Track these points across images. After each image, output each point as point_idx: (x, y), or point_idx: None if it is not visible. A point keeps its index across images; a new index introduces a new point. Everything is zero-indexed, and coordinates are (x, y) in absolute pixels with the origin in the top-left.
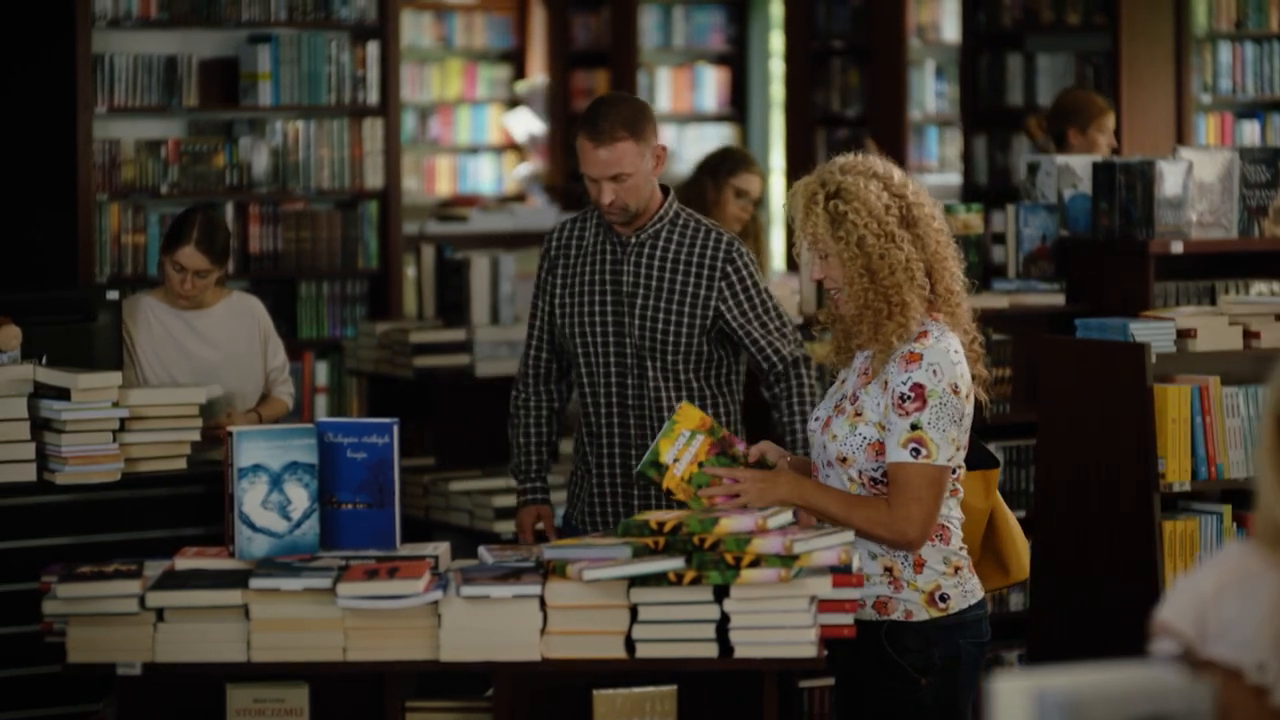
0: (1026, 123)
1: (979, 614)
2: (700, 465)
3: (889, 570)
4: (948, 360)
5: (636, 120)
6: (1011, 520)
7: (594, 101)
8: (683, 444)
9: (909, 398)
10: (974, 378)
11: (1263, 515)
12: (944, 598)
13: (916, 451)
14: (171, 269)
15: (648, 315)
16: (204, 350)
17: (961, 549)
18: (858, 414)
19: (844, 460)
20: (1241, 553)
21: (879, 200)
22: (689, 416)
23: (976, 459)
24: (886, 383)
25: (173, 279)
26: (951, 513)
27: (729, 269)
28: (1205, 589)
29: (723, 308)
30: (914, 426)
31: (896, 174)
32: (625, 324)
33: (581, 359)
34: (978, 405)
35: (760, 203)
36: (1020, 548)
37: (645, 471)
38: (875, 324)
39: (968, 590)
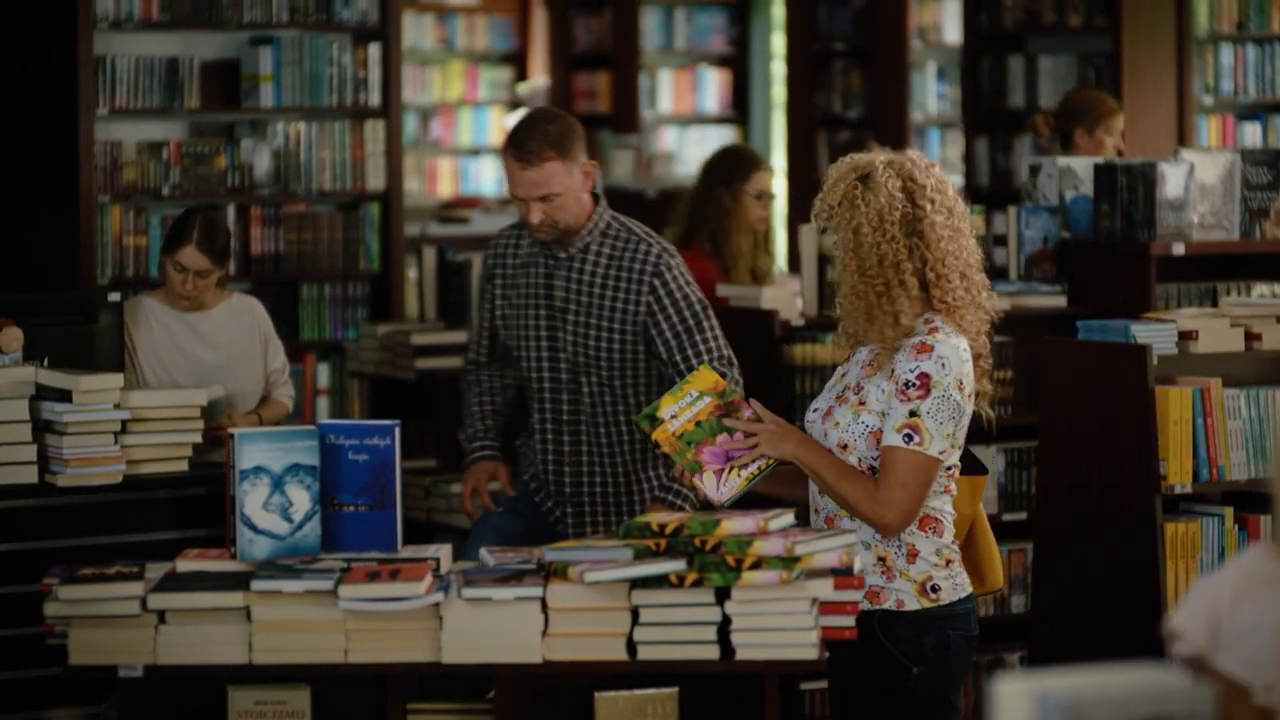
0: (1033, 119)
1: (968, 607)
2: (697, 424)
3: (882, 560)
4: (957, 356)
5: (564, 139)
6: (988, 530)
7: (521, 119)
8: (687, 403)
9: (913, 385)
10: (978, 392)
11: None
12: (935, 588)
13: (909, 438)
14: (173, 269)
15: (579, 330)
16: (205, 352)
17: (953, 543)
18: (861, 403)
19: (845, 447)
20: (1261, 558)
21: (892, 199)
22: (702, 379)
23: (966, 465)
24: (893, 371)
25: (174, 280)
26: (945, 507)
27: (656, 282)
28: (1222, 595)
29: (649, 321)
30: (912, 414)
31: (930, 182)
32: (559, 339)
33: (523, 371)
34: (978, 417)
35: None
36: (996, 558)
37: (639, 422)
38: (867, 314)
39: (958, 583)
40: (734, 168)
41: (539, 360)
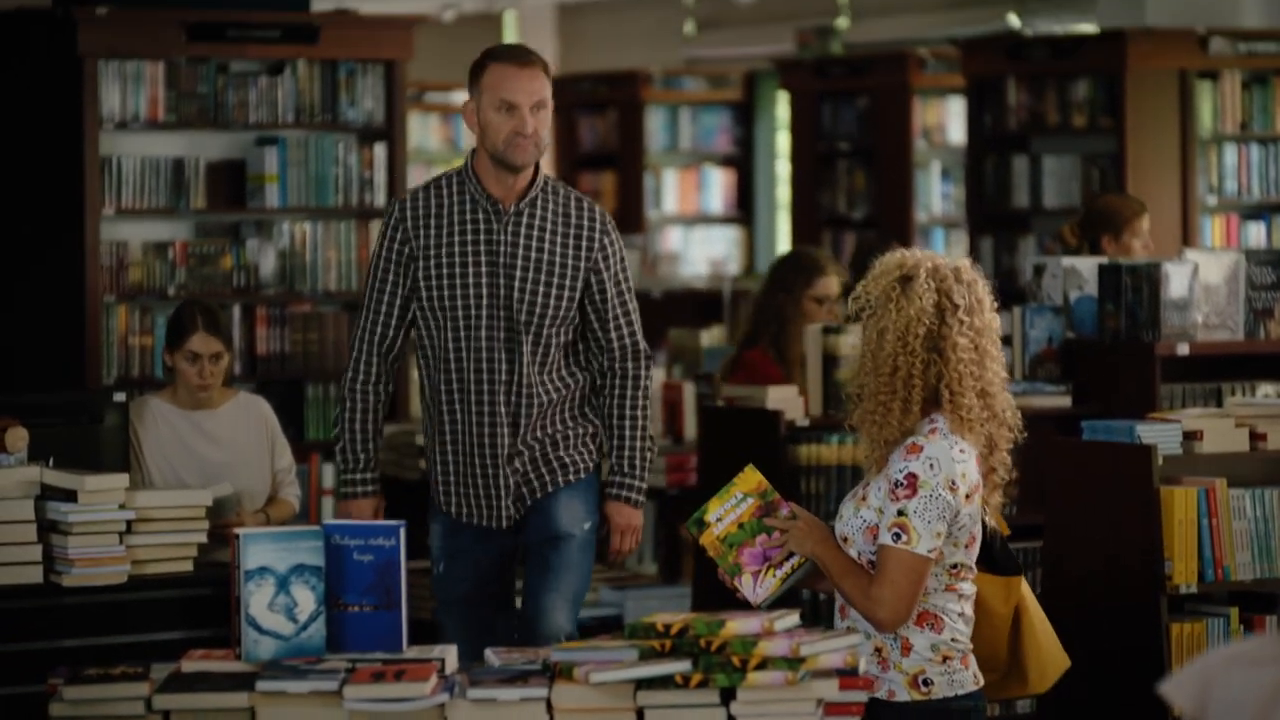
0: (1060, 231)
1: (968, 705)
2: (740, 526)
3: (878, 650)
4: (948, 456)
5: (545, 61)
6: (1039, 629)
7: (491, 46)
8: (731, 505)
9: (901, 484)
10: (987, 504)
11: None
12: (927, 682)
13: (898, 536)
14: (184, 362)
15: (526, 287)
16: (211, 451)
17: (956, 641)
18: (863, 499)
19: (845, 540)
20: (1266, 641)
21: (923, 312)
22: (747, 480)
23: (1001, 564)
24: (888, 471)
25: (187, 373)
26: (948, 605)
27: (604, 240)
28: (1215, 664)
29: (592, 278)
30: (900, 513)
31: (965, 302)
32: (500, 297)
33: (450, 332)
34: (992, 533)
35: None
36: (1046, 658)
37: (689, 528)
38: (869, 408)
39: (956, 680)
40: (797, 273)
41: (476, 319)
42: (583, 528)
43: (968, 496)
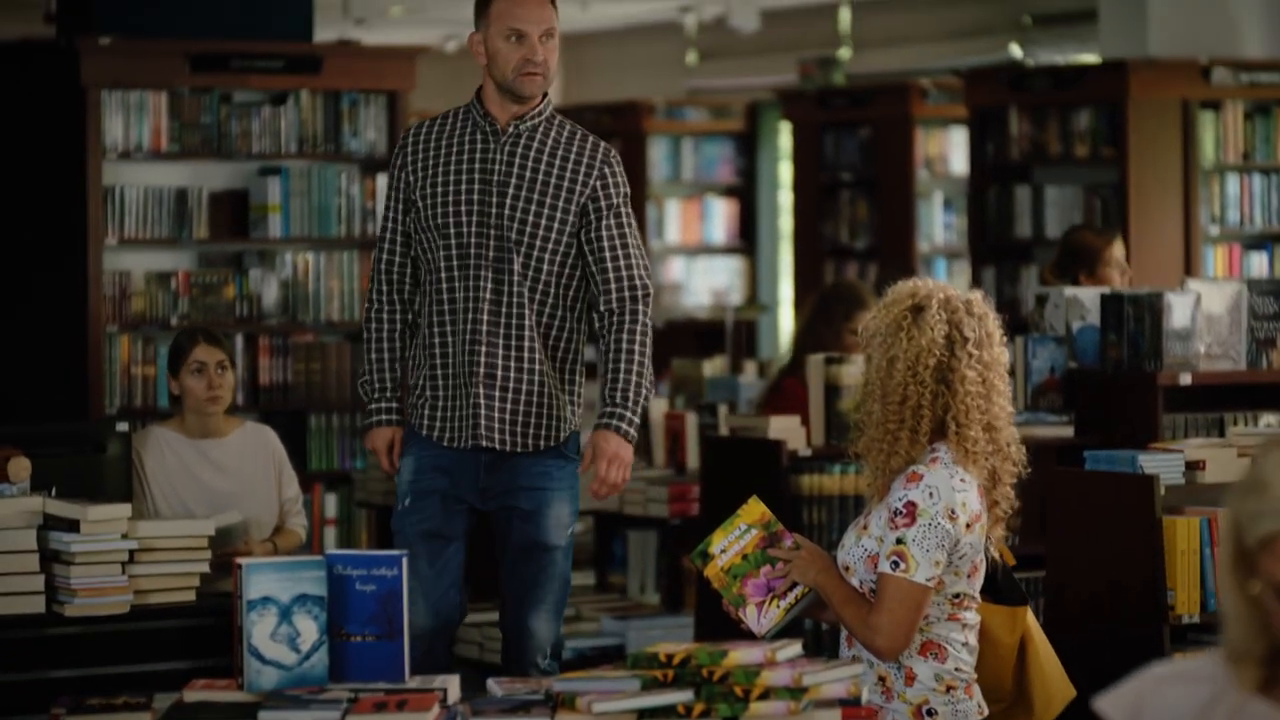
0: (1041, 274)
1: None
2: (744, 557)
3: (882, 680)
4: (948, 485)
5: None
6: (1045, 659)
7: None
8: (735, 536)
9: (900, 513)
10: (990, 536)
11: (1226, 635)
12: (931, 712)
13: (896, 565)
14: (190, 378)
15: (518, 205)
16: (218, 479)
17: (959, 670)
18: (864, 527)
19: (847, 569)
20: (1202, 660)
21: (933, 343)
22: (751, 511)
23: (1006, 594)
24: (888, 500)
25: (195, 389)
26: (952, 634)
27: (605, 170)
28: (1149, 681)
29: (590, 207)
30: (899, 541)
31: (974, 335)
32: (491, 214)
33: (442, 250)
34: (995, 563)
35: None
36: (1051, 688)
37: (694, 558)
38: (875, 436)
39: (960, 710)
40: (837, 304)
41: (466, 234)
42: (566, 536)
43: (968, 526)
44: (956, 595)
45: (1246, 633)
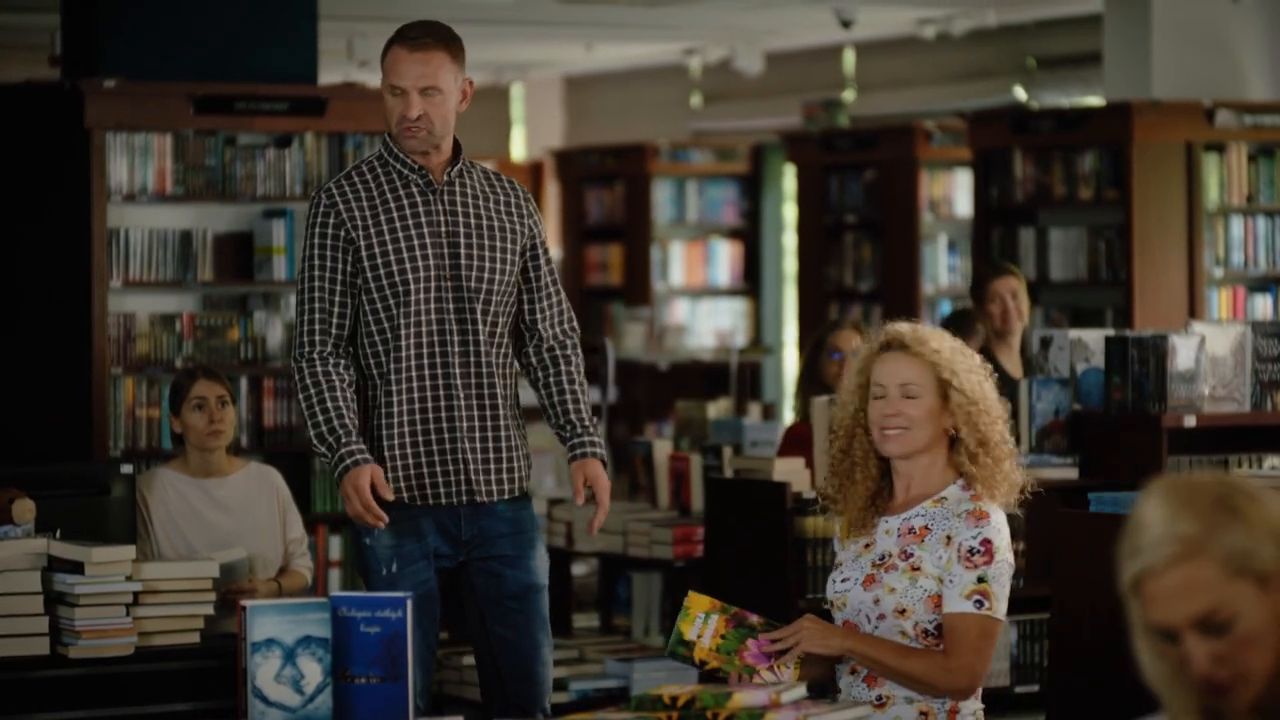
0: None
1: None
2: (723, 636)
3: (924, 715)
4: (1005, 524)
5: (453, 40)
6: None
7: (401, 26)
8: (701, 623)
9: (978, 551)
10: None
11: (1161, 700)
12: None
13: (980, 603)
14: (191, 414)
15: (472, 254)
16: (221, 518)
17: (983, 703)
18: (915, 568)
19: (902, 612)
20: None
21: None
22: (699, 601)
23: None
24: (949, 538)
25: (196, 425)
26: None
27: (530, 208)
28: None
29: (527, 250)
30: (980, 579)
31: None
32: (446, 266)
33: (400, 309)
34: None
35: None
36: None
37: (675, 650)
38: (922, 460)
39: None
40: (816, 339)
41: (426, 291)
42: (547, 578)
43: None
44: None
45: (1170, 691)
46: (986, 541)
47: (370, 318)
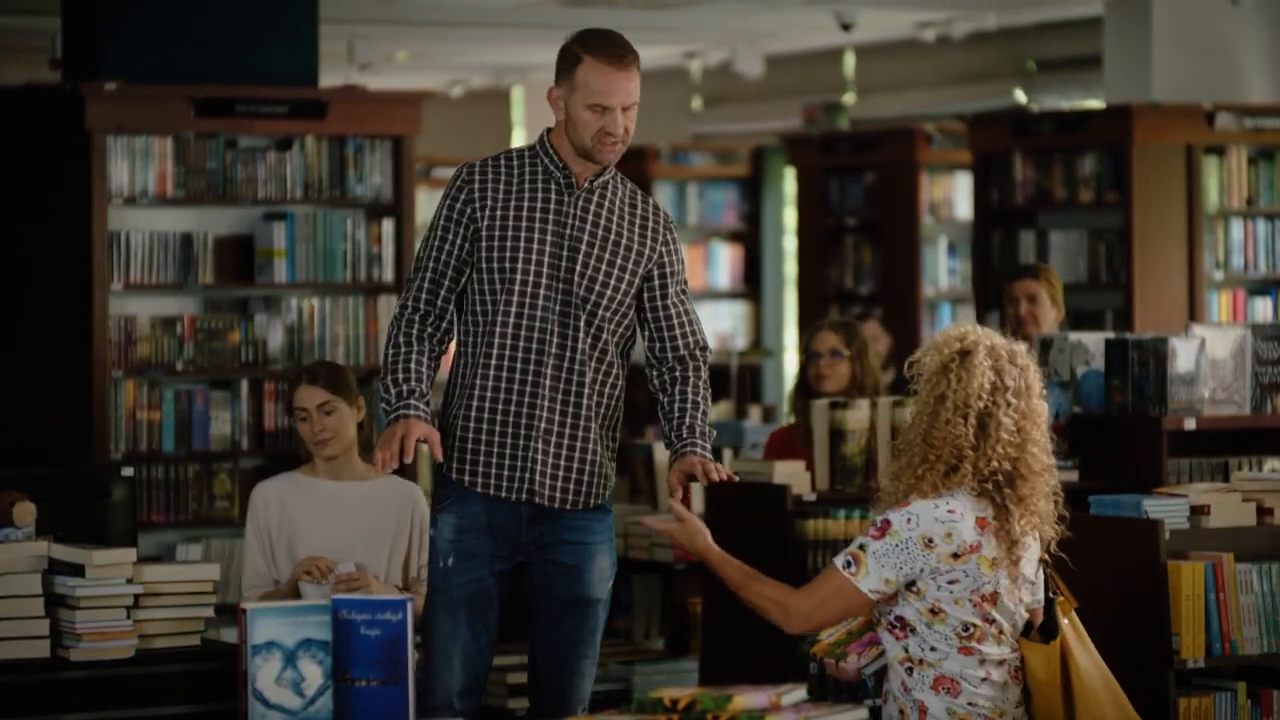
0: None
1: None
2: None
3: (902, 713)
4: (931, 516)
5: (638, 55)
6: (1095, 696)
7: (585, 31)
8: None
9: (875, 525)
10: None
11: None
12: None
13: (848, 565)
14: (300, 425)
15: (589, 264)
16: (343, 523)
17: (974, 705)
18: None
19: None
20: None
21: (981, 388)
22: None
23: (1042, 631)
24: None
25: (304, 435)
26: (965, 669)
27: (668, 235)
28: None
29: (655, 272)
30: (860, 546)
31: (1014, 385)
32: (562, 270)
33: (504, 298)
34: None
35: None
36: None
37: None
38: (902, 465)
39: None
40: (801, 346)
41: (535, 288)
42: (608, 589)
43: (956, 555)
44: (966, 628)
45: None
46: (886, 522)
47: (476, 297)
